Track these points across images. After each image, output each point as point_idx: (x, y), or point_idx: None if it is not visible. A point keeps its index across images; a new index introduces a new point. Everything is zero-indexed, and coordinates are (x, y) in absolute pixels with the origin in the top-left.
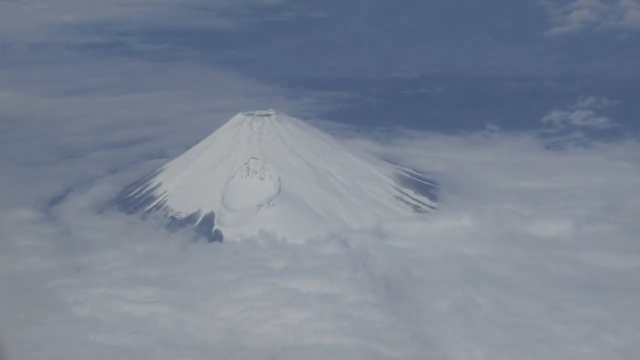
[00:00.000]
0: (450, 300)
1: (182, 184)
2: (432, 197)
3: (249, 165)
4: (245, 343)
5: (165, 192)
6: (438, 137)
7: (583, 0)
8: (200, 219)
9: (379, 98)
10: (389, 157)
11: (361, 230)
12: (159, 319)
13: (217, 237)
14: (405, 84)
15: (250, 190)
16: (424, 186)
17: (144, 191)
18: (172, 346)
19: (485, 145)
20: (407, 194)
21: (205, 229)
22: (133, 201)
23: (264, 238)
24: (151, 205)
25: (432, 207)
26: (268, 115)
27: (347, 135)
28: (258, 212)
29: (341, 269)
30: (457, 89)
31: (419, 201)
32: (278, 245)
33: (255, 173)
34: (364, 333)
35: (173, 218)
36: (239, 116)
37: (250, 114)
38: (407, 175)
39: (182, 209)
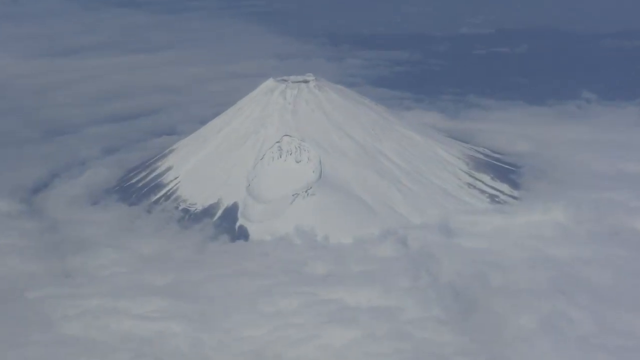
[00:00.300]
0: (537, 315)
1: (197, 168)
2: (514, 184)
3: (282, 145)
4: None
5: (177, 178)
6: (520, 108)
7: None
8: (220, 211)
9: (444, 59)
10: (459, 134)
11: (424, 226)
12: (170, 338)
13: (242, 234)
14: (478, 41)
15: (283, 176)
16: (503, 170)
17: (149, 177)
18: None
19: (580, 118)
20: (481, 180)
21: (227, 224)
22: (136, 189)
23: (301, 236)
24: (159, 195)
25: (514, 197)
26: (305, 81)
27: (405, 106)
28: (293, 203)
29: (398, 276)
30: (543, 47)
31: (496, 189)
32: (318, 244)
33: (290, 154)
34: (428, 357)
35: (186, 211)
36: (270, 82)
37: (284, 80)
38: (482, 157)
39: (198, 200)
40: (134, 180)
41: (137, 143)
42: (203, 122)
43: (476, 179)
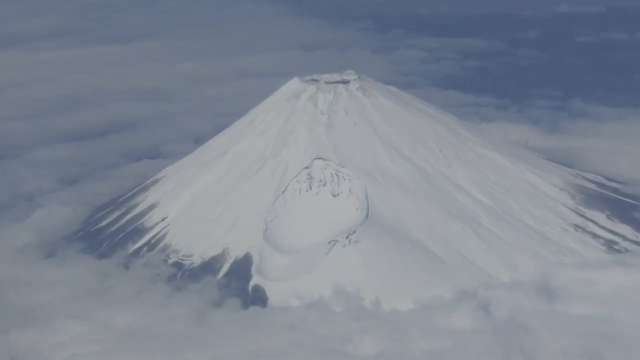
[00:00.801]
0: None
1: (193, 206)
2: (639, 226)
3: (313, 171)
4: None
5: (164, 219)
6: None
7: None
8: (226, 266)
9: (537, 49)
10: (561, 155)
11: (514, 285)
12: None
13: (258, 298)
14: (584, 23)
15: (315, 216)
16: (624, 206)
17: (125, 218)
18: None
19: None
20: (594, 221)
21: (237, 283)
22: (107, 236)
23: (342, 300)
24: (139, 243)
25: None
26: (344, 81)
27: (483, 116)
28: (330, 253)
29: (481, 355)
30: None
31: (615, 232)
32: (367, 312)
33: (324, 184)
34: None
35: (179, 265)
36: (294, 84)
37: (314, 80)
38: (594, 188)
39: (195, 250)
40: (104, 223)
41: (107, 170)
42: (200, 140)
43: (587, 218)
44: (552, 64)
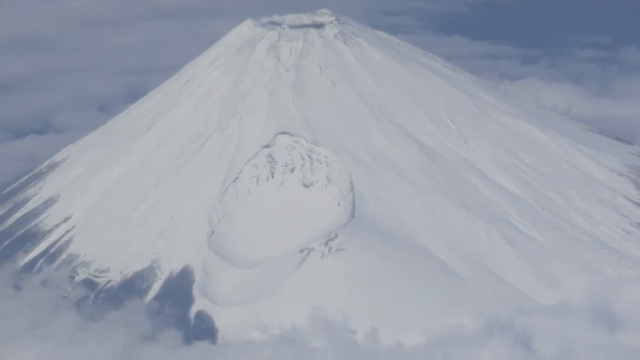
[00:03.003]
0: None
1: (107, 203)
2: None
3: (276, 152)
4: None
5: (68, 220)
6: None
7: None
8: (158, 285)
9: None
10: (616, 126)
11: (561, 311)
12: None
13: (205, 330)
14: None
15: (280, 214)
16: None
17: (12, 219)
18: None
19: None
20: None
21: (174, 310)
22: None
23: (324, 331)
24: (34, 254)
25: None
26: (317, 25)
27: (504, 72)
28: (303, 266)
29: None
30: None
31: None
32: (359, 349)
33: (292, 170)
34: None
35: (92, 284)
36: (247, 28)
37: (274, 24)
38: None
39: (113, 263)
40: None
41: None
42: (107, 107)
43: None
44: None
